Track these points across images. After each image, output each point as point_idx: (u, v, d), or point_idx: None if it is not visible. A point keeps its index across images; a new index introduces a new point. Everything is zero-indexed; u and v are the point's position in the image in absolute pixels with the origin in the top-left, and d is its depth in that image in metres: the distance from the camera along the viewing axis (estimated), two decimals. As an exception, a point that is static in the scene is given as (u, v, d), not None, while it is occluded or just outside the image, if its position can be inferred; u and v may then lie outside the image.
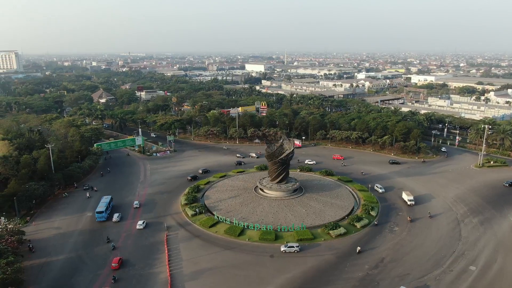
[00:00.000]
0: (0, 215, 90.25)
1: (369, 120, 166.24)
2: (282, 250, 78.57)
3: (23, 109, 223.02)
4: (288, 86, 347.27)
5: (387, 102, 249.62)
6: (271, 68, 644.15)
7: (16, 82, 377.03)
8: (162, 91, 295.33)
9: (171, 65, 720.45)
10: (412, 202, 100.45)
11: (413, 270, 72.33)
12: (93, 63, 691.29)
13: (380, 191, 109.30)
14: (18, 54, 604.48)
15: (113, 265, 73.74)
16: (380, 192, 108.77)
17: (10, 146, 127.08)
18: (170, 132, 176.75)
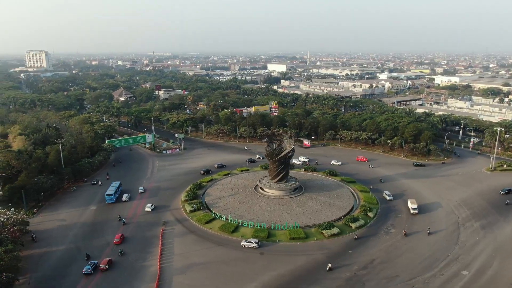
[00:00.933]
0: (10, 206, 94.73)
1: (380, 121, 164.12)
2: (241, 244, 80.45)
3: (46, 106, 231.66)
4: (306, 86, 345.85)
5: (404, 103, 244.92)
6: (293, 68, 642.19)
7: (44, 80, 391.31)
8: (180, 90, 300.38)
9: (194, 64, 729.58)
10: (415, 211, 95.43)
11: (403, 273, 71.53)
12: (118, 62, 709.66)
13: (388, 198, 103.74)
14: (48, 53, 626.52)
15: (115, 240, 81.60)
16: (388, 200, 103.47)
17: (26, 141, 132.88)
18: (182, 130, 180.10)
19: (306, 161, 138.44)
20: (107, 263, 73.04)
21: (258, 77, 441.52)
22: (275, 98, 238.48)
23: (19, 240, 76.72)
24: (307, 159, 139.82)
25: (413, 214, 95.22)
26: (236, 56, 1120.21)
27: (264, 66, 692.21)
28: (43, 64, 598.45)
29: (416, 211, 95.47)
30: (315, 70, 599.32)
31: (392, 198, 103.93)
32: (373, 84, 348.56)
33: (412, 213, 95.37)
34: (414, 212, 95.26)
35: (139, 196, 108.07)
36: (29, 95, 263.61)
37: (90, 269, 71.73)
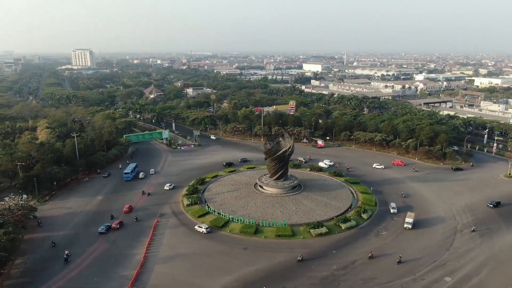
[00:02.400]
0: (20, 193, 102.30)
1: (398, 122, 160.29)
2: (194, 228, 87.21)
3: (79, 102, 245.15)
4: (335, 86, 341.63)
5: (432, 105, 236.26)
6: (328, 68, 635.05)
7: (85, 78, 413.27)
8: (209, 89, 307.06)
9: (230, 64, 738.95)
10: (408, 226, 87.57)
11: (382, 275, 70.46)
12: (158, 61, 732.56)
13: (392, 211, 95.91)
14: (92, 52, 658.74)
15: (124, 209, 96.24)
16: (391, 212, 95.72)
17: (50, 134, 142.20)
18: (201, 128, 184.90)
19: (331, 164, 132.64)
20: (118, 224, 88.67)
21: (290, 77, 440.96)
22: (298, 98, 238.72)
23: (21, 224, 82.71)
24: (331, 162, 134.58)
25: (406, 228, 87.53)
26: (274, 55, 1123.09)
27: (299, 66, 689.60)
28: (87, 62, 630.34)
29: (410, 226, 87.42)
30: (351, 70, 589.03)
31: (396, 211, 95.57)
32: (405, 85, 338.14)
33: (405, 228, 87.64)
34: (407, 227, 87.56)
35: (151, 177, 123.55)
36: (66, 91, 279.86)
37: (104, 229, 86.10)
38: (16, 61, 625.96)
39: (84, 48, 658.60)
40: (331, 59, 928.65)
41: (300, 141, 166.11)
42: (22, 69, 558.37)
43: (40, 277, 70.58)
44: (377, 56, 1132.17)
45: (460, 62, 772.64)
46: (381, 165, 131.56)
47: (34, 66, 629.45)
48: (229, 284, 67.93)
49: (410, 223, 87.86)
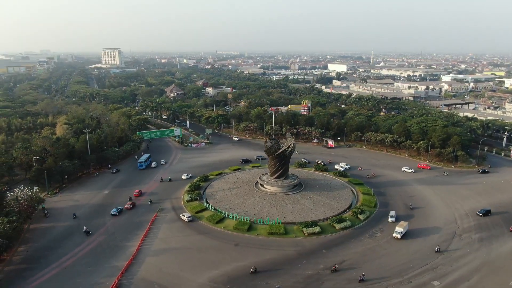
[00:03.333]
0: (35, 185, 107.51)
1: (411, 124, 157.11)
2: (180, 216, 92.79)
3: (102, 99, 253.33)
4: (356, 86, 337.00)
5: (453, 107, 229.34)
6: (353, 68, 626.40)
7: (112, 76, 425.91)
8: (229, 88, 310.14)
9: (255, 63, 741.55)
10: (397, 235, 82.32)
11: (367, 276, 69.88)
12: (184, 61, 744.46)
13: (390, 219, 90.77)
14: (121, 51, 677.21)
15: (135, 193, 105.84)
16: (389, 221, 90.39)
17: (67, 130, 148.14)
18: (215, 126, 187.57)
19: (347, 168, 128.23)
20: (130, 204, 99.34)
21: (312, 77, 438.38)
22: (315, 98, 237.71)
23: (26, 214, 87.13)
24: (347, 165, 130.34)
25: (395, 238, 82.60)
26: (301, 55, 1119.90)
27: (324, 66, 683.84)
28: (116, 61, 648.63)
29: (399, 235, 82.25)
30: (377, 71, 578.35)
31: (394, 220, 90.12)
32: (430, 86, 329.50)
33: (394, 237, 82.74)
34: (396, 236, 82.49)
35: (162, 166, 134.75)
36: (90, 89, 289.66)
37: (116, 211, 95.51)
38: (49, 59, 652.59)
39: (113, 48, 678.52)
40: (358, 59, 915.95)
41: (311, 141, 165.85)
42: (54, 67, 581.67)
43: (38, 264, 74.34)
44: (407, 56, 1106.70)
45: (493, 63, 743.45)
46: (411, 169, 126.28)
47: (66, 65, 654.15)
48: (214, 278, 69.31)
49: (400, 233, 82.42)
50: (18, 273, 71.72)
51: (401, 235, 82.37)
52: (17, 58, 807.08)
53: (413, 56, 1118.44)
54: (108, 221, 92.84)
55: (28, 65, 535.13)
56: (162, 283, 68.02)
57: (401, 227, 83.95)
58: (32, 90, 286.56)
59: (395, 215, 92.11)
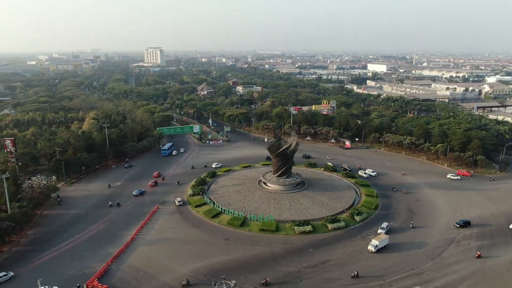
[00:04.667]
0: (54, 175, 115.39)
1: (433, 126, 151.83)
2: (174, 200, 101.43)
3: (135, 97, 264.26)
4: (390, 87, 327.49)
5: (488, 109, 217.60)
6: (393, 68, 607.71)
7: (150, 75, 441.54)
8: (259, 87, 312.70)
9: (293, 62, 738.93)
10: (371, 248, 76.89)
11: (348, 277, 69.47)
12: (223, 60, 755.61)
13: (380, 231, 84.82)
14: (162, 50, 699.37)
15: (154, 175, 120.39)
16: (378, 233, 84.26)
17: (92, 124, 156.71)
18: (236, 124, 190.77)
19: (373, 175, 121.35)
20: (154, 182, 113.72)
21: (347, 77, 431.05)
22: (341, 98, 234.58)
23: (36, 200, 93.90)
24: (374, 172, 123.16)
25: (369, 251, 77.11)
26: (342, 55, 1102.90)
27: (363, 66, 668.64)
28: (158, 60, 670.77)
29: (373, 248, 76.59)
30: (418, 71, 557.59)
31: (384, 232, 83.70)
32: (469, 87, 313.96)
33: (369, 250, 77.32)
34: (370, 250, 76.96)
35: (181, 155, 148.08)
36: (125, 86, 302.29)
37: (137, 192, 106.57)
38: (95, 58, 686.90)
39: (155, 47, 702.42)
40: (402, 59, 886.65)
41: (328, 141, 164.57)
42: (100, 65, 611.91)
43: (42, 247, 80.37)
44: (456, 56, 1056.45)
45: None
46: (457, 176, 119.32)
47: (111, 63, 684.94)
48: (197, 269, 71.71)
49: (375, 246, 76.67)
50: (22, 254, 78.04)
51: (376, 248, 76.62)
52: (69, 57, 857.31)
53: (462, 56, 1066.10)
54: (113, 210, 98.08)
55: (76, 64, 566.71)
56: (147, 271, 71.40)
57: (378, 240, 78.20)
58: (74, 87, 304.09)
59: (386, 227, 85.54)
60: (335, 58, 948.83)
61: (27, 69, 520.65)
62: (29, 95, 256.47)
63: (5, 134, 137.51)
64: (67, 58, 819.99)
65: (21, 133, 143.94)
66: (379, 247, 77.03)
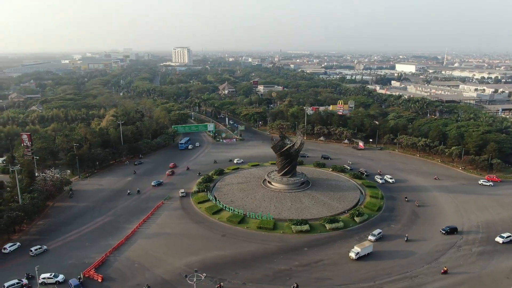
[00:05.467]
0: (68, 169, 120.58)
1: (451, 128, 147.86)
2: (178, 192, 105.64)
3: (157, 95, 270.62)
4: (414, 88, 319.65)
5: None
6: (422, 69, 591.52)
7: (176, 74, 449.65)
8: (280, 87, 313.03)
9: (319, 62, 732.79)
10: (352, 255, 74.30)
11: (338, 277, 69.33)
12: (249, 59, 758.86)
13: (370, 238, 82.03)
14: (190, 50, 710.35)
15: (170, 165, 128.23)
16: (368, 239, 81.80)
17: (109, 121, 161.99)
18: (251, 124, 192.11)
19: (392, 182, 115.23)
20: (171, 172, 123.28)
21: (372, 77, 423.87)
22: (360, 98, 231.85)
23: (47, 192, 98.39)
24: (392, 179, 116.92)
25: (350, 258, 74.43)
26: (371, 55, 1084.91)
27: (391, 66, 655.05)
28: (185, 59, 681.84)
29: (354, 255, 73.83)
30: (448, 72, 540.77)
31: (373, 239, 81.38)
32: (499, 89, 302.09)
33: (350, 257, 74.58)
34: (351, 256, 74.24)
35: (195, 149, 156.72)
36: (147, 85, 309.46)
37: (156, 183, 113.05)
38: (125, 57, 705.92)
39: (183, 46, 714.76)
40: (433, 59, 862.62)
41: (341, 141, 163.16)
42: (129, 65, 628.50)
43: (49, 237, 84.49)
44: (491, 57, 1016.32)
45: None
46: (489, 182, 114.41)
47: (140, 63, 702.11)
48: (190, 263, 73.36)
49: (356, 253, 73.89)
50: (30, 242, 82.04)
51: (357, 256, 73.83)
52: (101, 56, 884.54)
53: (499, 56, 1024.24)
54: (121, 204, 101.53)
55: (106, 63, 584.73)
56: (142, 263, 73.80)
57: (360, 247, 75.07)
58: (100, 85, 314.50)
59: (378, 234, 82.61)
60: (363, 58, 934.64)
61: (60, 67, 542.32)
62: (57, 93, 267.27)
63: (27, 129, 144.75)
64: (100, 57, 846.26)
65: (43, 129, 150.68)
66: (361, 255, 74.22)
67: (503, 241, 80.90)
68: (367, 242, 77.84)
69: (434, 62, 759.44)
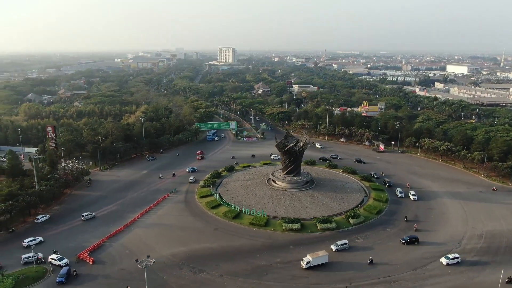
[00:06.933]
0: (90, 161, 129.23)
1: (479, 132, 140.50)
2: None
3: (192, 93, 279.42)
4: (457, 90, 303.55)
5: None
6: (476, 70, 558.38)
7: (217, 73, 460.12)
8: (315, 87, 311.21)
9: (366, 63, 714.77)
10: (302, 264, 71.13)
11: (315, 277, 69.48)
12: (293, 59, 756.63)
13: (332, 247, 78.19)
14: (235, 49, 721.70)
15: (198, 157, 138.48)
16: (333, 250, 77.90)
17: (137, 117, 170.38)
18: (276, 123, 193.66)
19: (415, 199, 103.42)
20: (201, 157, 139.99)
21: (415, 78, 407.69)
22: (393, 100, 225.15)
23: (63, 180, 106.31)
24: (415, 196, 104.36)
25: (302, 268, 71.33)
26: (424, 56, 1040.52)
27: (442, 68, 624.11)
28: (230, 59, 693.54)
29: (304, 264, 70.99)
30: (504, 73, 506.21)
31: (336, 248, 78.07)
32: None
33: (304, 268, 71.13)
34: (301, 265, 71.58)
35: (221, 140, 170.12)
36: (186, 83, 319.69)
37: (190, 170, 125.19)
38: (172, 56, 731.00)
39: (228, 46, 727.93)
40: (491, 60, 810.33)
41: (362, 143, 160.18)
42: (175, 63, 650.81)
43: (60, 221, 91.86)
44: None
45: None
46: None
47: (187, 62, 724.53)
48: (176, 253, 76.95)
49: (307, 263, 71.08)
50: (42, 225, 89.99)
51: (308, 265, 70.77)
52: (152, 55, 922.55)
53: None
54: (130, 194, 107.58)
55: (154, 61, 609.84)
56: (133, 250, 78.42)
57: (312, 256, 71.85)
58: (142, 83, 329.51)
59: (341, 245, 78.14)
60: (414, 58, 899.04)
61: (111, 66, 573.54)
62: (101, 89, 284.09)
63: (61, 123, 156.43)
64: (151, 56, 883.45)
65: (76, 123, 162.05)
66: (312, 265, 71.00)
67: (448, 262, 72.82)
68: (321, 252, 73.68)
69: (491, 64, 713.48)
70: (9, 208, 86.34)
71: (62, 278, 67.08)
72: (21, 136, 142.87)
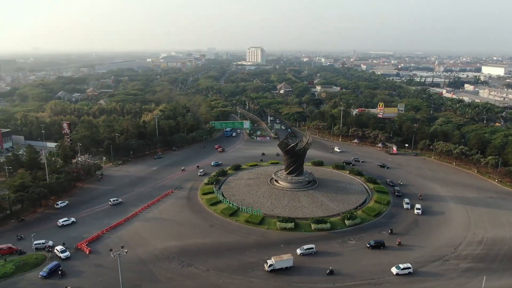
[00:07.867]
0: (105, 156, 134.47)
1: (497, 136, 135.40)
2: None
3: (215, 92, 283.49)
4: (486, 92, 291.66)
5: None
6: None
7: (243, 73, 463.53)
8: (337, 87, 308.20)
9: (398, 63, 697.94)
10: (265, 267, 70.51)
11: (298, 276, 69.94)
12: (322, 60, 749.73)
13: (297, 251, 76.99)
14: (263, 49, 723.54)
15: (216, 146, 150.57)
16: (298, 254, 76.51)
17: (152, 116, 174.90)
18: (291, 123, 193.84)
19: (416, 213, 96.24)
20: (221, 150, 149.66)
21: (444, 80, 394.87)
22: (414, 101, 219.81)
23: (73, 174, 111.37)
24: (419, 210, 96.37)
25: (267, 271, 70.38)
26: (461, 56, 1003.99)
27: (477, 69, 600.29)
28: (258, 59, 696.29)
29: (267, 267, 70.29)
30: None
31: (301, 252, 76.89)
32: None
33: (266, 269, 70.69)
34: (265, 268, 70.82)
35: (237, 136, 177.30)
36: (209, 83, 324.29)
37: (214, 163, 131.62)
38: (201, 56, 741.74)
39: (257, 46, 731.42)
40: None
41: (376, 145, 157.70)
42: (204, 63, 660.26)
43: (67, 212, 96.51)
44: None
45: None
46: None
47: (215, 61, 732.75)
48: (169, 247, 79.38)
49: (270, 266, 70.30)
50: (50, 215, 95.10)
51: (270, 268, 69.96)
52: (184, 55, 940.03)
53: None
54: (137, 189, 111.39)
55: (183, 61, 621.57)
56: (129, 242, 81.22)
57: (276, 259, 70.97)
58: (167, 82, 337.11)
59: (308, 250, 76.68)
60: (449, 59, 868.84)
61: (142, 65, 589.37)
62: (128, 88, 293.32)
63: (81, 120, 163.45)
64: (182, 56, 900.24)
65: (95, 120, 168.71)
66: (276, 268, 70.14)
67: (398, 272, 69.63)
68: (285, 256, 72.45)
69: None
70: (19, 198, 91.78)
71: (45, 273, 69.03)
72: (43, 132, 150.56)
